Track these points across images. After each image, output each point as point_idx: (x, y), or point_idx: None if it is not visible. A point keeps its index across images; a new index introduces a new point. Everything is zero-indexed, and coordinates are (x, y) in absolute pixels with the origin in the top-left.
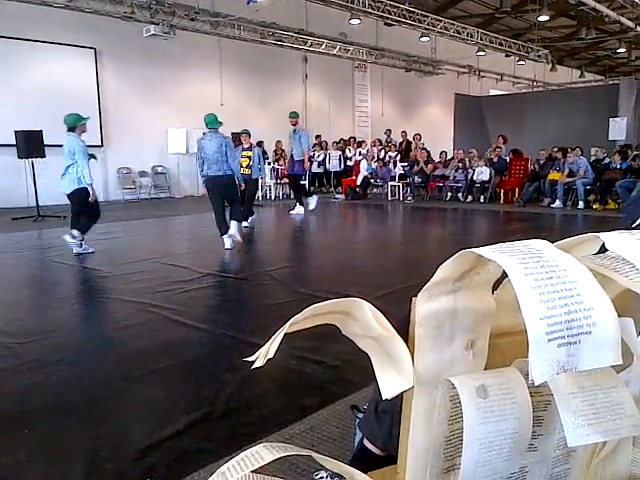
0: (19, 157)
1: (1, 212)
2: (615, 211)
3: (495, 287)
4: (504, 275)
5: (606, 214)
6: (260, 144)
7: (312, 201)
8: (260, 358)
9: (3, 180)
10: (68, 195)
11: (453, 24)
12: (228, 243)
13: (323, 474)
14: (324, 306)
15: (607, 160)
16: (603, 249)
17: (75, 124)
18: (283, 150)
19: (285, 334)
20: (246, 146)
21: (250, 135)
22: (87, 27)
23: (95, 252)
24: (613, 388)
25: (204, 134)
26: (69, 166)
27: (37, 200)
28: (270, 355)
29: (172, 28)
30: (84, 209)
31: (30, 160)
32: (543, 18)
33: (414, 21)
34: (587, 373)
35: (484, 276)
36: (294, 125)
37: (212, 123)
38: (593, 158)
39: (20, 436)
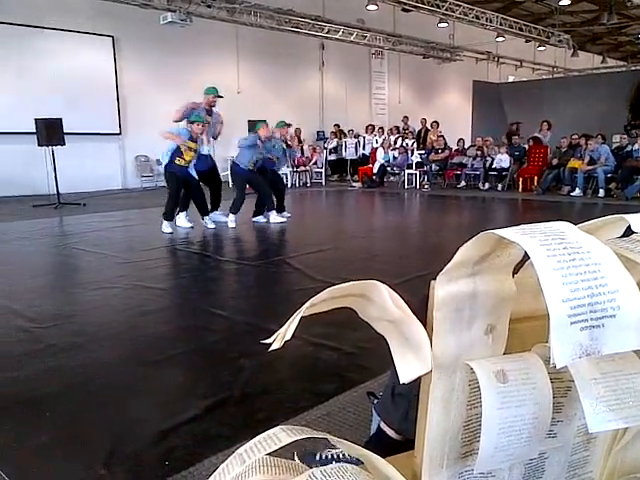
0: (39, 145)
1: (22, 199)
2: (637, 199)
3: (515, 271)
4: (525, 259)
5: (628, 202)
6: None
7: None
8: (278, 340)
9: (24, 168)
10: None
11: (472, 9)
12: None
13: (329, 454)
14: (341, 288)
15: (629, 148)
16: (629, 232)
17: None
18: (300, 140)
19: (302, 319)
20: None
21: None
22: (105, 15)
23: (114, 239)
24: (636, 374)
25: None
26: None
27: (57, 187)
28: (287, 337)
29: (189, 15)
30: None
31: (50, 148)
32: (564, 2)
33: (432, 6)
34: (610, 358)
35: (505, 259)
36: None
37: None
38: (616, 145)
39: (42, 419)
